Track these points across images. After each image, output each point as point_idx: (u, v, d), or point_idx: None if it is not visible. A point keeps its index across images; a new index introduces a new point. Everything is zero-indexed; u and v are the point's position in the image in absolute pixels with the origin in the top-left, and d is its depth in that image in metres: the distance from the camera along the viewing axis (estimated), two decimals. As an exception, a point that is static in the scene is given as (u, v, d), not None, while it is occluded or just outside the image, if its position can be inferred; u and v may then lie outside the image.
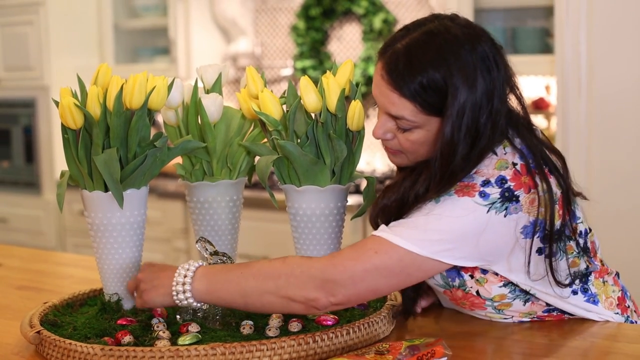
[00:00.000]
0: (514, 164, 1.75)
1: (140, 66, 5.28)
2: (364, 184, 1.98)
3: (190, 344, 1.67)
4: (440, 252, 1.70)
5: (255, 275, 1.72)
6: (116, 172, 1.80)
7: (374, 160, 4.94)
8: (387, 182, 1.91)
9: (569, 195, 1.81)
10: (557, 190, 1.78)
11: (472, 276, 1.81)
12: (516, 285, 1.81)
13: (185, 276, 1.74)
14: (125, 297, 1.92)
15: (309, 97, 1.81)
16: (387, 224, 1.76)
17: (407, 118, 1.74)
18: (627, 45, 3.41)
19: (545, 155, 1.80)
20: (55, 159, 5.21)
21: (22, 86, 5.34)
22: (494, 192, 1.71)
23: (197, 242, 1.85)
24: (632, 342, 1.78)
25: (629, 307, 1.94)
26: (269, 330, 1.74)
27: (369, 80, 4.82)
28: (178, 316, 1.83)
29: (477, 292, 1.83)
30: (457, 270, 1.81)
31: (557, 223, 1.77)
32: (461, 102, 1.69)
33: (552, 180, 1.77)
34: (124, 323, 1.81)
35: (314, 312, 1.74)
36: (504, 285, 1.81)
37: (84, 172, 1.84)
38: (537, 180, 1.74)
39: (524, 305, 1.84)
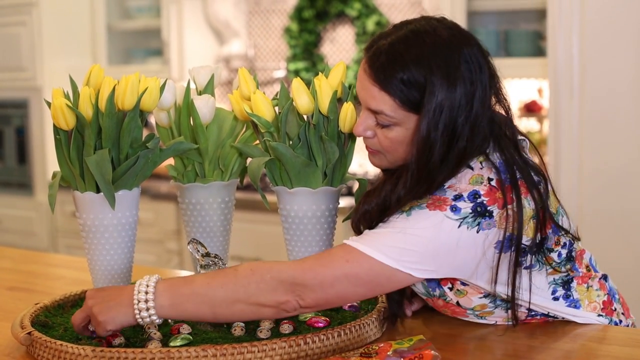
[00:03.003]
0: (490, 180, 1.73)
1: (133, 67, 5.28)
2: (356, 186, 1.97)
3: (181, 346, 1.67)
4: (410, 266, 1.68)
5: (224, 285, 1.68)
6: (108, 173, 1.80)
7: (367, 162, 4.92)
8: (368, 187, 1.90)
9: (545, 213, 1.78)
10: (533, 207, 1.75)
11: (451, 288, 1.81)
12: (496, 296, 1.81)
13: (146, 292, 1.67)
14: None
15: (301, 99, 1.81)
16: (370, 229, 1.76)
17: (386, 113, 1.72)
18: (619, 48, 3.42)
19: (524, 172, 1.77)
20: (47, 160, 5.21)
21: (14, 87, 5.34)
22: (466, 206, 1.69)
23: (188, 243, 1.85)
24: (619, 345, 1.78)
25: (615, 310, 1.94)
26: (260, 332, 1.74)
27: (361, 83, 4.82)
28: (169, 317, 1.83)
29: (458, 302, 1.83)
30: (436, 281, 1.81)
31: (537, 236, 1.76)
32: (439, 100, 1.68)
33: (529, 198, 1.75)
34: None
35: (284, 315, 1.72)
36: (485, 297, 1.81)
37: (75, 173, 1.84)
38: (513, 196, 1.72)
39: (506, 312, 1.84)
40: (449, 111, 1.69)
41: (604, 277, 1.96)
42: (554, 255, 1.83)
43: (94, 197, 1.85)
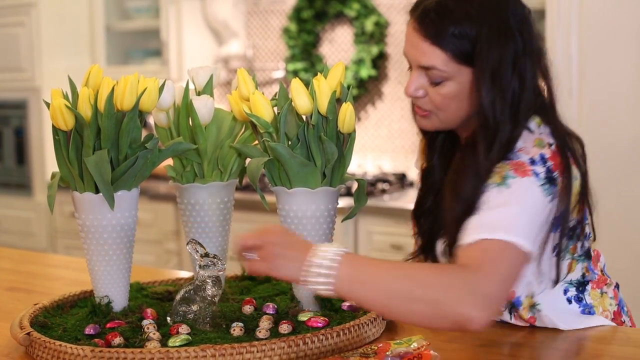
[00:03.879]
0: (550, 144, 1.73)
1: (132, 68, 5.27)
2: (355, 186, 1.97)
3: (180, 346, 1.67)
4: (535, 241, 1.65)
5: (409, 278, 1.56)
6: (107, 174, 1.80)
7: (366, 162, 4.94)
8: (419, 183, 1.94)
9: (587, 187, 1.78)
10: (580, 182, 1.75)
11: None
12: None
13: (332, 259, 1.56)
14: (116, 299, 1.92)
15: (300, 100, 1.81)
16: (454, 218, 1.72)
17: (439, 67, 1.74)
18: (618, 49, 3.42)
19: (571, 140, 1.78)
20: (46, 161, 5.20)
21: (13, 87, 5.33)
22: (541, 171, 1.68)
23: (187, 244, 1.85)
24: (622, 345, 1.78)
25: (624, 322, 1.92)
26: (259, 332, 1.74)
27: (360, 83, 4.83)
28: (168, 318, 1.83)
29: None
30: None
31: (574, 218, 1.75)
32: (491, 52, 1.70)
33: (575, 169, 1.74)
34: (114, 326, 1.80)
35: (460, 331, 1.63)
36: None
37: (74, 173, 1.84)
38: (569, 165, 1.72)
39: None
40: (501, 63, 1.71)
41: (617, 286, 1.95)
42: (578, 245, 1.82)
43: (93, 197, 1.85)
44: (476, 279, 1.54)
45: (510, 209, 1.65)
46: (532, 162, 1.69)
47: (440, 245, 1.89)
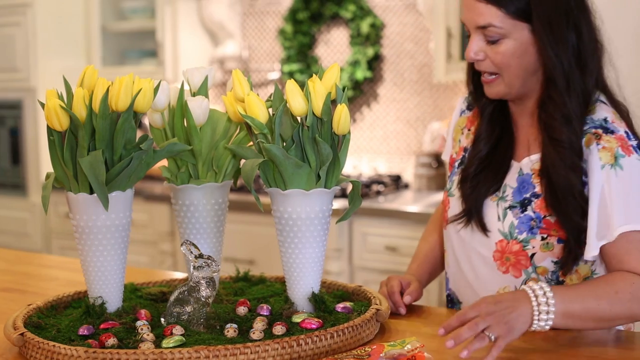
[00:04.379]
0: (620, 118, 1.87)
1: (128, 68, 5.28)
2: (349, 188, 1.98)
3: (174, 347, 1.67)
4: None
5: (612, 305, 1.75)
6: (101, 175, 1.80)
7: (361, 164, 4.94)
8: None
9: None
10: None
11: (544, 238, 1.88)
12: (558, 270, 1.90)
13: (547, 303, 1.69)
14: (110, 300, 1.91)
15: (295, 101, 1.81)
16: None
17: (495, 24, 1.84)
18: (615, 52, 3.42)
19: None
20: (41, 161, 5.20)
21: (8, 87, 5.33)
22: (635, 144, 1.84)
23: (182, 245, 1.86)
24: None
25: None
26: (253, 333, 1.74)
27: (356, 84, 4.84)
28: (162, 319, 1.83)
29: (532, 255, 1.89)
30: (530, 225, 1.88)
31: None
32: (545, 6, 1.82)
33: None
34: (108, 327, 1.80)
35: None
36: (555, 263, 1.89)
37: (69, 174, 1.84)
38: None
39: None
40: (556, 15, 1.83)
41: None
42: None
43: (87, 198, 1.85)
44: None
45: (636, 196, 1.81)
46: (628, 135, 1.84)
47: (490, 204, 1.98)
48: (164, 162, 2.02)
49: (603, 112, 1.87)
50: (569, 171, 1.83)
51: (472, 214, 1.99)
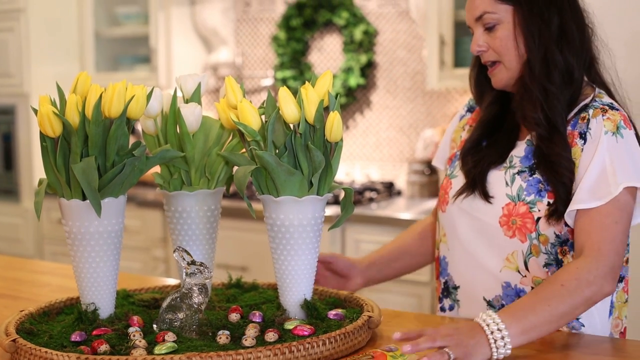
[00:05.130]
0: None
1: (121, 74, 5.28)
2: (342, 195, 1.98)
3: (166, 353, 1.67)
4: None
5: (563, 302, 1.76)
6: (94, 181, 1.80)
7: (354, 171, 4.95)
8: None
9: None
10: None
11: (550, 204, 1.93)
12: (557, 245, 1.93)
13: (499, 329, 1.69)
14: (102, 306, 1.91)
15: (288, 108, 1.82)
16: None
17: (488, 10, 1.97)
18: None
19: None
20: (34, 167, 5.20)
21: (1, 93, 5.33)
22: (633, 129, 1.96)
23: (174, 251, 1.86)
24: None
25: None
26: (245, 340, 1.74)
27: (349, 91, 4.84)
28: (155, 325, 1.83)
29: (538, 219, 1.93)
30: (538, 188, 1.94)
31: None
32: None
33: None
34: (100, 333, 1.80)
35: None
36: (557, 237, 1.93)
37: (62, 180, 1.84)
38: None
39: (543, 267, 1.95)
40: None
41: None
42: None
43: (80, 204, 1.85)
44: (608, 262, 1.81)
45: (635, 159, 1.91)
46: (629, 117, 1.96)
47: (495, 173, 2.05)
48: (157, 169, 2.02)
49: (609, 99, 1.98)
50: (552, 144, 1.93)
51: (476, 184, 2.04)
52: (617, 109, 1.94)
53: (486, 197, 2.01)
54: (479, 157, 2.06)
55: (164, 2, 5.15)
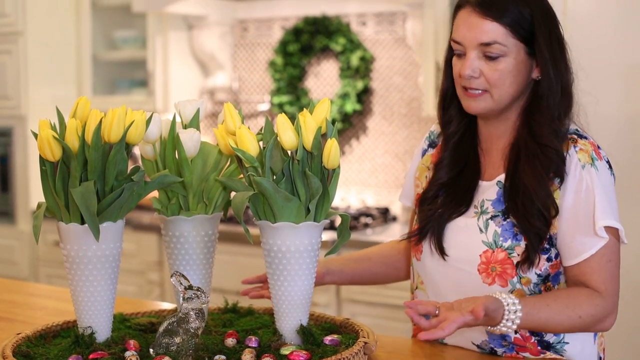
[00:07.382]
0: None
1: (118, 98, 5.29)
2: (338, 221, 1.99)
3: (162, 378, 1.68)
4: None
5: (572, 327, 1.90)
6: (93, 205, 1.81)
7: (349, 196, 4.96)
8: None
9: None
10: None
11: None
12: (540, 284, 1.95)
13: (514, 303, 1.80)
14: (99, 330, 1.92)
15: (286, 135, 1.83)
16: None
17: (500, 41, 1.92)
18: (607, 84, 3.45)
19: None
20: (30, 189, 5.19)
21: (-2, 115, 5.33)
22: (604, 157, 1.99)
23: (171, 276, 1.86)
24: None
25: None
26: (242, 365, 1.75)
27: (345, 117, 4.86)
28: (151, 349, 1.84)
29: (517, 263, 1.93)
30: (513, 232, 1.93)
31: None
32: (546, 30, 1.94)
33: None
34: (97, 357, 1.80)
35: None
36: (538, 276, 1.94)
37: (60, 204, 1.85)
38: None
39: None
40: (555, 38, 1.96)
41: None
42: None
43: (78, 228, 1.86)
44: (607, 300, 1.91)
45: (606, 193, 1.93)
46: (598, 147, 1.97)
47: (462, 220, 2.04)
48: (155, 193, 2.03)
49: (573, 126, 2.00)
50: (542, 177, 1.92)
51: (427, 235, 2.05)
52: (585, 137, 1.97)
53: (441, 252, 2.02)
54: (437, 206, 2.07)
55: (161, 27, 5.17)
